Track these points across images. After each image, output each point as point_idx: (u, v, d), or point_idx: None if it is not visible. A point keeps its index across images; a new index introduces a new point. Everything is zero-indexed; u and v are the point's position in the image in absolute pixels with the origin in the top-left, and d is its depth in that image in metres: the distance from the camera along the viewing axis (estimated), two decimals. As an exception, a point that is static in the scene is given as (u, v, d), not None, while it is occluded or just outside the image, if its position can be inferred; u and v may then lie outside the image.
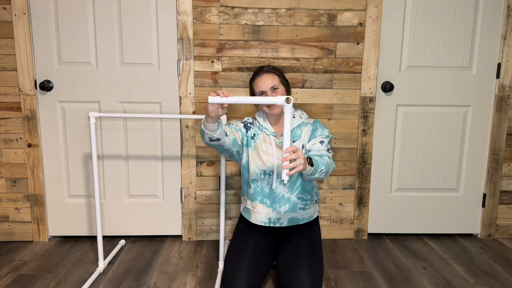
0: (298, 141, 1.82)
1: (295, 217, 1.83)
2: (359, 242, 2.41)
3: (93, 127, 1.89)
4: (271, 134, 1.83)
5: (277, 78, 1.81)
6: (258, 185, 1.83)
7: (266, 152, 1.82)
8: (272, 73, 1.82)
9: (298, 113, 1.89)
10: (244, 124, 1.88)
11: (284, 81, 1.85)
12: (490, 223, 2.47)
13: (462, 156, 2.43)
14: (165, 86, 2.26)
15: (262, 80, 1.80)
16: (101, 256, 2.02)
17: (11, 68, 2.19)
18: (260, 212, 1.82)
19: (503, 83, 2.33)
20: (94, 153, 1.91)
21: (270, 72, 1.82)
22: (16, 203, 2.33)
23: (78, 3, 2.16)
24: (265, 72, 1.82)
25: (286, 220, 1.83)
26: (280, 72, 1.85)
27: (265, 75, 1.80)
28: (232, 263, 1.73)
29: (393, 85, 2.29)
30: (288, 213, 1.81)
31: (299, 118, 1.87)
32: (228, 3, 2.18)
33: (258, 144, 1.84)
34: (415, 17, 2.27)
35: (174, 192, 2.38)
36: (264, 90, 1.78)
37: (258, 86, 1.80)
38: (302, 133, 1.83)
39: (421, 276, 2.01)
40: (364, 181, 2.39)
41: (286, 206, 1.81)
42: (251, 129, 1.86)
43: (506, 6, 2.26)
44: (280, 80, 1.82)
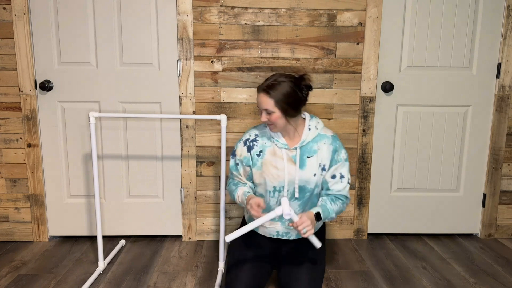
0: (315, 157, 1.69)
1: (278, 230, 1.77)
2: (359, 242, 2.41)
3: (93, 127, 1.88)
4: (283, 148, 1.69)
5: (271, 101, 1.60)
6: (267, 201, 1.73)
7: (276, 167, 1.69)
8: (266, 94, 1.62)
9: (314, 123, 1.72)
10: (247, 147, 1.75)
11: (284, 103, 1.61)
12: (490, 223, 2.47)
13: (462, 156, 2.43)
14: (165, 86, 2.26)
15: (258, 98, 1.65)
16: (101, 256, 2.02)
17: (11, 68, 2.19)
18: (268, 227, 1.78)
19: (503, 83, 2.33)
20: (94, 153, 1.91)
21: (265, 92, 1.62)
22: (16, 203, 2.33)
23: (78, 3, 2.16)
24: (261, 91, 1.64)
25: (294, 234, 1.78)
26: (280, 93, 1.61)
27: (261, 95, 1.64)
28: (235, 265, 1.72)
29: (393, 85, 2.29)
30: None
31: (315, 129, 1.71)
32: (228, 3, 2.18)
33: (267, 159, 1.71)
34: (415, 17, 2.27)
35: (174, 192, 2.38)
36: (260, 108, 1.66)
37: (256, 102, 1.74)
38: (319, 150, 1.69)
39: (421, 276, 2.01)
40: (364, 181, 2.39)
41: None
42: (255, 146, 1.73)
43: (506, 6, 2.26)
44: (276, 104, 1.61)
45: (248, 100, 2.27)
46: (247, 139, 1.76)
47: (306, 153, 1.69)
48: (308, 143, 1.70)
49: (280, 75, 1.66)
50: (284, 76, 1.65)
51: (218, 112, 2.28)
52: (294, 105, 1.64)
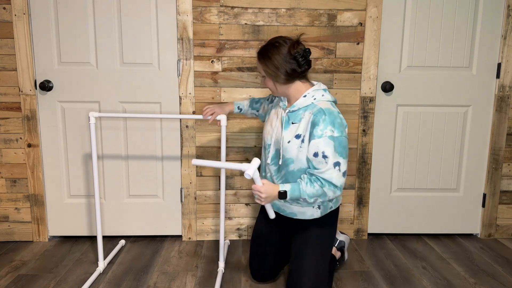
0: (296, 125, 1.65)
1: (277, 204, 1.79)
2: (359, 242, 2.41)
3: (93, 127, 1.88)
4: (282, 107, 1.73)
5: (260, 66, 1.68)
6: (262, 160, 1.85)
7: (271, 125, 1.76)
8: (259, 59, 1.69)
9: (314, 93, 1.65)
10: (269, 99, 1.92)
11: (271, 69, 1.63)
12: (490, 223, 2.47)
13: (462, 156, 2.43)
14: (165, 86, 2.26)
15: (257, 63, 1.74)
16: (101, 256, 2.02)
17: (11, 68, 2.19)
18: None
19: (503, 83, 2.33)
20: (94, 153, 1.91)
21: (258, 57, 1.69)
22: (16, 203, 2.32)
23: (78, 3, 2.16)
24: (256, 54, 1.71)
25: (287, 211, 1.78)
26: (268, 58, 1.63)
27: (257, 59, 1.71)
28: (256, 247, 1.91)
29: (393, 85, 2.29)
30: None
31: (311, 98, 1.64)
32: (228, 3, 2.18)
33: (270, 115, 1.81)
34: (415, 17, 2.27)
35: (174, 192, 2.37)
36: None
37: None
38: (303, 120, 1.63)
39: (421, 276, 2.01)
40: (364, 181, 2.39)
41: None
42: (273, 101, 1.86)
43: (506, 6, 2.26)
44: (264, 68, 1.65)
45: (248, 100, 2.27)
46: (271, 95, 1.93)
47: (293, 118, 1.67)
48: (298, 110, 1.66)
49: (275, 40, 1.65)
50: (280, 41, 1.63)
51: (218, 112, 2.28)
52: (284, 73, 1.61)
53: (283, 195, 1.56)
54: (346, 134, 1.61)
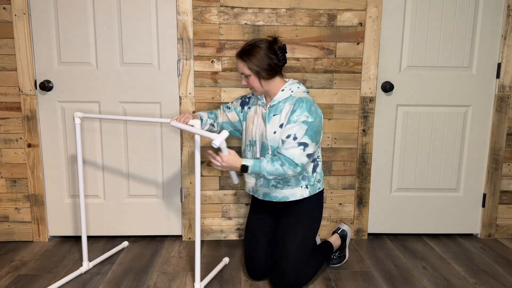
0: (278, 116, 1.80)
1: (268, 193, 1.91)
2: (359, 242, 2.41)
3: (78, 128, 1.89)
4: (261, 105, 1.88)
5: (244, 65, 1.78)
6: (247, 155, 1.93)
7: (253, 122, 1.88)
8: (240, 58, 1.79)
9: (290, 87, 1.83)
10: (241, 101, 1.99)
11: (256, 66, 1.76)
12: (490, 223, 2.47)
13: (462, 156, 2.43)
14: (165, 86, 2.26)
15: (237, 64, 1.83)
16: (85, 256, 2.01)
17: (11, 68, 2.19)
18: (248, 181, 1.96)
19: (503, 83, 2.33)
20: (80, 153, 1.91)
21: (238, 57, 1.80)
22: (16, 203, 2.32)
23: (78, 3, 2.16)
24: (237, 56, 1.81)
25: (261, 194, 1.94)
26: (251, 57, 1.75)
27: (238, 60, 1.81)
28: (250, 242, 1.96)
29: (393, 85, 2.29)
30: (262, 188, 1.91)
31: (289, 91, 1.82)
32: (228, 3, 2.18)
33: (250, 115, 1.92)
34: (415, 17, 2.27)
35: (174, 192, 2.37)
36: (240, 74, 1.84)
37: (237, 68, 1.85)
38: (283, 110, 1.79)
39: (421, 276, 2.01)
40: (364, 181, 2.39)
41: (261, 180, 1.90)
42: (249, 103, 1.96)
43: (506, 6, 2.26)
44: (249, 66, 1.76)
45: (248, 100, 2.27)
46: (244, 96, 2.00)
47: (273, 111, 1.83)
48: (278, 103, 1.83)
49: (254, 40, 1.80)
50: (259, 41, 1.79)
51: (218, 112, 2.28)
52: (267, 68, 1.77)
53: (244, 168, 1.72)
54: (320, 122, 1.77)
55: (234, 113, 1.99)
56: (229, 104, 2.02)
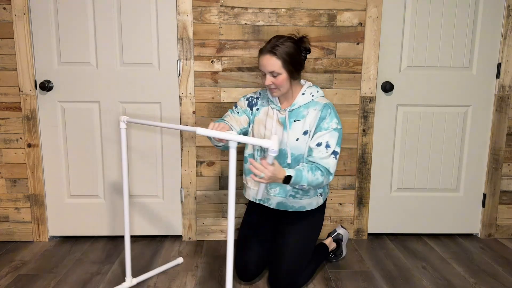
0: (301, 122, 1.72)
1: (284, 202, 1.82)
2: (359, 242, 2.41)
3: (123, 133, 1.73)
4: (275, 108, 1.76)
5: (278, 62, 1.64)
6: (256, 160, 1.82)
7: (266, 126, 1.77)
8: (273, 55, 1.64)
9: (310, 90, 1.76)
10: (248, 102, 1.87)
11: (290, 64, 1.66)
12: (490, 223, 2.47)
13: (462, 156, 2.43)
14: (165, 86, 2.26)
15: (263, 61, 1.66)
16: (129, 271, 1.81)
17: (11, 68, 2.19)
18: (252, 188, 1.86)
19: (503, 83, 2.33)
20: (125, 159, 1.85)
21: (272, 53, 1.64)
22: (16, 203, 2.32)
23: (78, 3, 2.16)
24: (267, 52, 1.65)
25: (274, 203, 1.84)
26: (286, 54, 1.64)
27: (267, 56, 1.65)
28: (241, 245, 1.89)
29: (393, 85, 2.29)
30: (277, 196, 1.82)
31: (309, 96, 1.75)
32: (228, 3, 2.18)
33: (259, 117, 1.81)
34: (415, 17, 2.27)
35: (174, 192, 2.38)
36: (264, 72, 1.68)
37: (260, 63, 1.69)
38: (308, 116, 1.72)
39: (421, 276, 2.01)
40: (364, 181, 2.39)
41: (276, 189, 1.81)
42: (257, 104, 1.85)
43: (506, 6, 2.26)
44: (283, 64, 1.64)
45: (248, 100, 2.27)
46: (251, 97, 1.88)
47: (294, 116, 1.74)
48: (299, 108, 1.74)
49: (281, 37, 1.69)
50: (286, 38, 1.68)
51: (218, 112, 2.28)
52: (298, 67, 1.70)
53: (287, 179, 1.56)
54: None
55: (245, 116, 1.86)
56: (236, 109, 1.87)
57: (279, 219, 1.95)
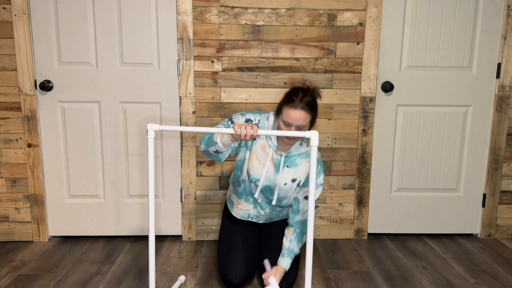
0: (292, 169, 1.78)
1: (272, 217, 1.96)
2: (359, 242, 2.41)
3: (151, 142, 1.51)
4: (272, 147, 1.77)
5: (309, 118, 1.67)
6: (246, 186, 1.86)
7: (259, 160, 1.78)
8: (308, 112, 1.66)
9: (305, 141, 1.80)
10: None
11: (314, 119, 1.71)
12: (490, 223, 2.47)
13: (462, 156, 2.43)
14: (165, 86, 2.26)
15: (295, 115, 1.64)
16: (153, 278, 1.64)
17: (11, 68, 2.19)
18: (242, 209, 1.91)
19: (503, 83, 2.33)
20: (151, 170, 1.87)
21: (307, 110, 1.65)
22: (16, 203, 2.32)
23: (78, 3, 2.16)
24: (301, 108, 1.64)
25: (263, 219, 1.95)
26: (315, 110, 1.70)
27: (301, 112, 1.64)
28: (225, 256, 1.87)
29: (393, 85, 2.29)
30: (267, 215, 1.93)
31: (306, 146, 1.79)
32: (228, 3, 2.18)
33: (256, 149, 1.79)
34: (415, 17, 2.27)
35: (174, 192, 2.37)
36: (291, 123, 1.66)
37: (289, 116, 1.65)
38: (300, 166, 1.78)
39: (421, 276, 2.01)
40: (364, 181, 2.39)
41: (267, 210, 1.90)
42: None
43: (506, 6, 2.26)
44: (311, 120, 1.69)
45: (248, 100, 2.27)
46: (250, 120, 1.78)
47: (287, 162, 1.79)
48: (294, 155, 1.79)
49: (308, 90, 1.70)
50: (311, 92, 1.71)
51: (218, 112, 2.28)
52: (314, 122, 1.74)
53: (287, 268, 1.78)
54: None
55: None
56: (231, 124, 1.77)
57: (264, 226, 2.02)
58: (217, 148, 1.68)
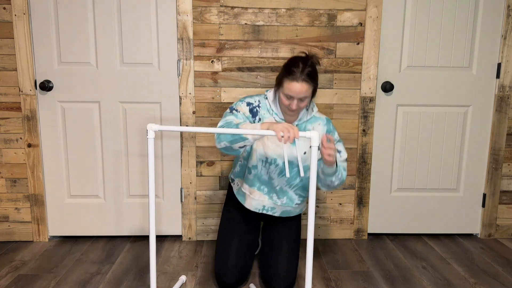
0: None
1: (289, 210, 1.86)
2: (359, 242, 2.41)
3: (151, 143, 1.50)
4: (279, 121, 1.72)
5: (311, 89, 1.68)
6: (258, 172, 1.79)
7: (271, 139, 1.75)
8: (310, 84, 1.66)
9: (310, 105, 1.82)
10: (250, 109, 1.78)
11: (316, 88, 1.72)
12: (490, 223, 2.47)
13: (462, 156, 2.43)
14: (165, 86, 2.26)
15: (296, 87, 1.64)
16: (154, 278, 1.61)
17: (11, 68, 2.19)
18: (256, 199, 1.82)
19: (503, 83, 2.33)
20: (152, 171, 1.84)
21: (308, 81, 1.65)
22: (16, 203, 2.33)
23: (78, 3, 2.16)
24: (303, 80, 1.64)
25: (279, 211, 1.85)
26: (316, 80, 1.70)
27: (302, 84, 1.64)
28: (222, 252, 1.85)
29: (393, 85, 2.29)
30: (283, 206, 1.84)
31: (311, 111, 1.81)
32: (228, 3, 2.18)
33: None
34: (415, 17, 2.27)
35: (174, 192, 2.38)
36: (293, 96, 1.66)
37: (291, 89, 1.64)
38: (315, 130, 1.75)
39: (421, 276, 2.01)
40: (364, 181, 2.39)
41: (284, 199, 1.82)
42: (258, 113, 1.77)
43: (506, 6, 2.26)
44: (312, 90, 1.70)
45: (248, 100, 2.27)
46: (251, 103, 1.78)
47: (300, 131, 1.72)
48: (303, 123, 1.79)
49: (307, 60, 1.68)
50: (310, 61, 1.69)
51: (218, 112, 2.28)
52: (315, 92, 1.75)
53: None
54: None
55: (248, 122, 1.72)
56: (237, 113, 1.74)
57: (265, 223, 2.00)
58: (246, 143, 1.57)
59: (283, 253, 1.83)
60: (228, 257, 1.82)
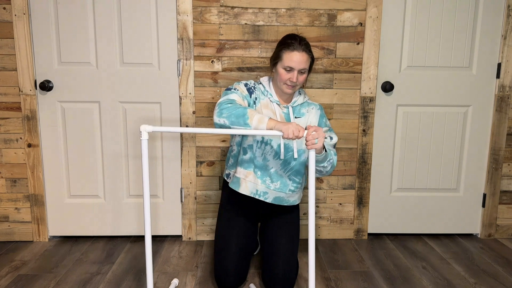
0: (302, 119, 1.80)
1: (281, 197, 1.81)
2: (359, 242, 2.41)
3: (145, 144, 1.51)
4: (274, 102, 1.78)
5: (309, 61, 1.73)
6: (253, 153, 1.76)
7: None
8: (309, 54, 1.72)
9: (302, 91, 1.88)
10: (247, 88, 1.78)
11: (313, 63, 1.77)
12: (490, 223, 2.47)
13: (462, 156, 2.43)
14: (165, 86, 2.26)
15: (297, 57, 1.67)
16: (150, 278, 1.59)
17: (11, 68, 2.19)
18: (251, 181, 1.77)
19: (503, 83, 2.33)
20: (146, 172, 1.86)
21: (308, 52, 1.71)
22: (16, 203, 2.33)
23: (78, 3, 2.16)
24: (302, 49, 1.68)
25: (271, 197, 1.79)
26: (313, 55, 1.75)
27: (302, 54, 1.68)
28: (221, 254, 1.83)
29: (393, 85, 2.29)
30: (276, 191, 1.79)
31: (304, 96, 1.85)
32: (228, 3, 2.18)
33: (259, 109, 1.76)
34: (415, 17, 2.27)
35: (174, 192, 2.38)
36: (293, 68, 1.68)
37: (292, 59, 1.67)
38: (308, 113, 1.82)
39: (421, 276, 2.01)
40: (364, 181, 2.39)
41: (277, 184, 1.79)
42: (254, 93, 1.78)
43: (506, 6, 2.26)
44: (311, 60, 1.74)
45: (248, 100, 2.27)
46: (247, 84, 1.80)
47: (295, 113, 1.80)
48: (297, 105, 1.82)
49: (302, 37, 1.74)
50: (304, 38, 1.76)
51: (218, 112, 2.28)
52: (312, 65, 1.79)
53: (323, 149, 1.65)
54: None
55: (246, 102, 1.74)
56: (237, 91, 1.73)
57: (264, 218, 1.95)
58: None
59: (281, 254, 1.81)
60: (227, 259, 1.80)
